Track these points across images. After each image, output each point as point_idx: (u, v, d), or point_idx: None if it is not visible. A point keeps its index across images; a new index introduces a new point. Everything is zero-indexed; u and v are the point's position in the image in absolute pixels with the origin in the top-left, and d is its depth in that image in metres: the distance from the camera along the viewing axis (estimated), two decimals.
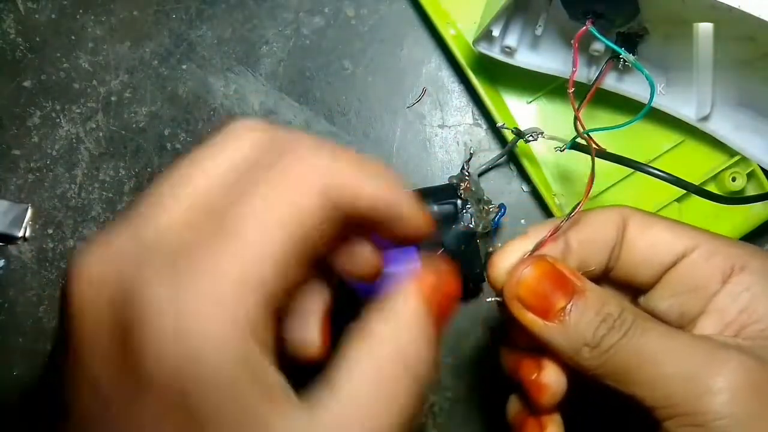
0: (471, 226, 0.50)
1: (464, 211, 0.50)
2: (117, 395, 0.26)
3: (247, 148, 0.29)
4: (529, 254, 0.37)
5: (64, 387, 0.28)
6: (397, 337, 0.29)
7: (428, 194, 0.50)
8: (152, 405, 0.25)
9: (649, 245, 0.36)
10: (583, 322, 0.34)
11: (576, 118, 0.41)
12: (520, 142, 0.52)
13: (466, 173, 0.51)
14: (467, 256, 0.49)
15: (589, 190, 0.37)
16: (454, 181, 0.51)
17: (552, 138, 0.47)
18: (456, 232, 0.49)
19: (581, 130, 0.41)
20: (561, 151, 0.45)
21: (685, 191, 0.52)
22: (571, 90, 0.43)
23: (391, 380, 0.28)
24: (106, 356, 0.26)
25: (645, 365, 0.33)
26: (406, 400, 0.28)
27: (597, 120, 0.54)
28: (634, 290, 0.39)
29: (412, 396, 0.28)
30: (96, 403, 0.27)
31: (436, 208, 0.49)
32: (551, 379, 0.36)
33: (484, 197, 0.52)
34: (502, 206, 0.52)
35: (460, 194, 0.50)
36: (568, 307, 0.34)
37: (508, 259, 0.37)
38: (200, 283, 0.25)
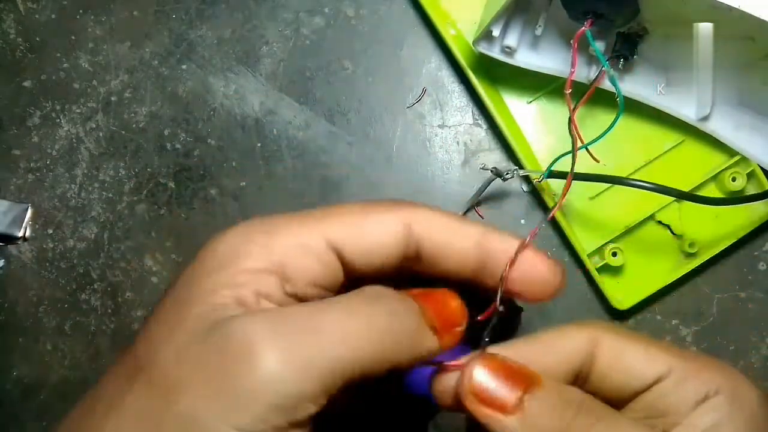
0: None
1: None
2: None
3: None
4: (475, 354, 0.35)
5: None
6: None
7: None
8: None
9: (621, 373, 0.35)
10: (545, 408, 0.33)
11: (570, 120, 0.41)
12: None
13: None
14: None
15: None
16: None
17: (527, 173, 0.48)
18: None
19: (578, 139, 0.41)
20: (539, 181, 0.46)
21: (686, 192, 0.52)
22: (568, 91, 0.43)
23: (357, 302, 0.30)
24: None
25: None
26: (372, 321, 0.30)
27: (597, 119, 0.54)
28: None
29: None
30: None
31: None
32: None
33: None
34: None
35: None
36: (526, 397, 0.33)
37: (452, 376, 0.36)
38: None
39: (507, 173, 0.49)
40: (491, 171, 0.50)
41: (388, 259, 0.32)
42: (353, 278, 0.32)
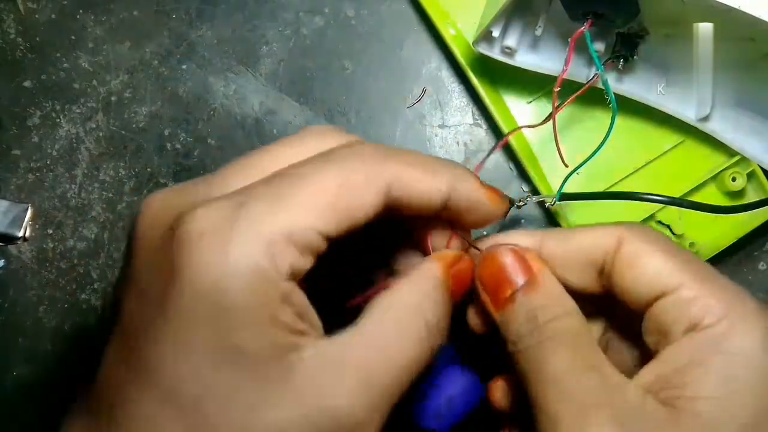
0: None
1: None
2: (154, 289, 0.30)
3: (316, 143, 0.34)
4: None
5: (118, 299, 0.32)
6: (418, 295, 0.33)
7: None
8: (185, 293, 0.29)
9: (635, 277, 0.35)
10: (517, 315, 0.35)
11: (551, 116, 0.41)
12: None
13: None
14: None
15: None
16: None
17: (540, 199, 0.48)
18: None
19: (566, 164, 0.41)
20: (551, 205, 0.47)
21: (686, 192, 0.52)
22: (557, 89, 0.43)
23: (410, 327, 0.32)
24: (151, 261, 0.31)
25: (540, 382, 0.33)
26: (420, 345, 0.32)
27: (595, 119, 0.54)
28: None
29: (424, 343, 0.32)
30: (138, 300, 0.31)
31: None
32: None
33: None
34: None
35: None
36: (516, 295, 0.35)
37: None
38: (252, 226, 0.29)
39: (520, 201, 0.49)
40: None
41: (369, 218, 0.33)
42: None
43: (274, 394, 0.29)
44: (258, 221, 0.30)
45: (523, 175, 0.54)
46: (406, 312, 0.33)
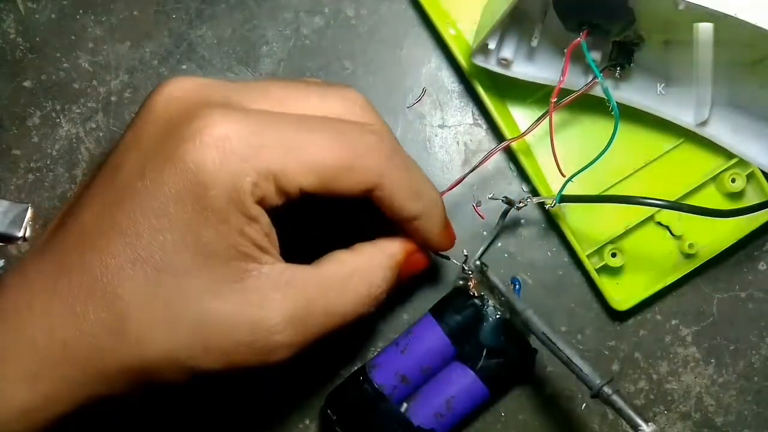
0: (499, 315, 0.50)
1: (485, 306, 0.50)
2: (152, 163, 0.34)
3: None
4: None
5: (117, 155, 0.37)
6: (375, 265, 0.40)
7: (444, 308, 0.50)
8: (174, 180, 0.33)
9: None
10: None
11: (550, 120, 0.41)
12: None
13: (469, 272, 0.51)
14: (512, 341, 0.50)
15: None
16: (460, 282, 0.51)
17: (540, 200, 0.49)
18: (490, 328, 0.49)
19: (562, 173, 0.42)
20: (551, 207, 0.47)
21: (685, 193, 0.52)
22: (554, 100, 0.43)
23: (356, 287, 0.38)
24: (160, 133, 0.35)
25: None
26: (356, 305, 0.38)
27: (597, 124, 0.54)
28: None
29: (359, 307, 0.39)
30: (137, 163, 0.35)
31: (460, 317, 0.50)
32: None
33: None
34: (515, 281, 0.52)
35: (473, 293, 0.50)
36: None
37: None
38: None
39: (519, 202, 0.50)
40: (502, 200, 0.50)
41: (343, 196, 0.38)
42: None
43: (224, 290, 0.34)
44: (262, 152, 0.34)
45: (523, 175, 0.54)
46: (359, 273, 0.39)
